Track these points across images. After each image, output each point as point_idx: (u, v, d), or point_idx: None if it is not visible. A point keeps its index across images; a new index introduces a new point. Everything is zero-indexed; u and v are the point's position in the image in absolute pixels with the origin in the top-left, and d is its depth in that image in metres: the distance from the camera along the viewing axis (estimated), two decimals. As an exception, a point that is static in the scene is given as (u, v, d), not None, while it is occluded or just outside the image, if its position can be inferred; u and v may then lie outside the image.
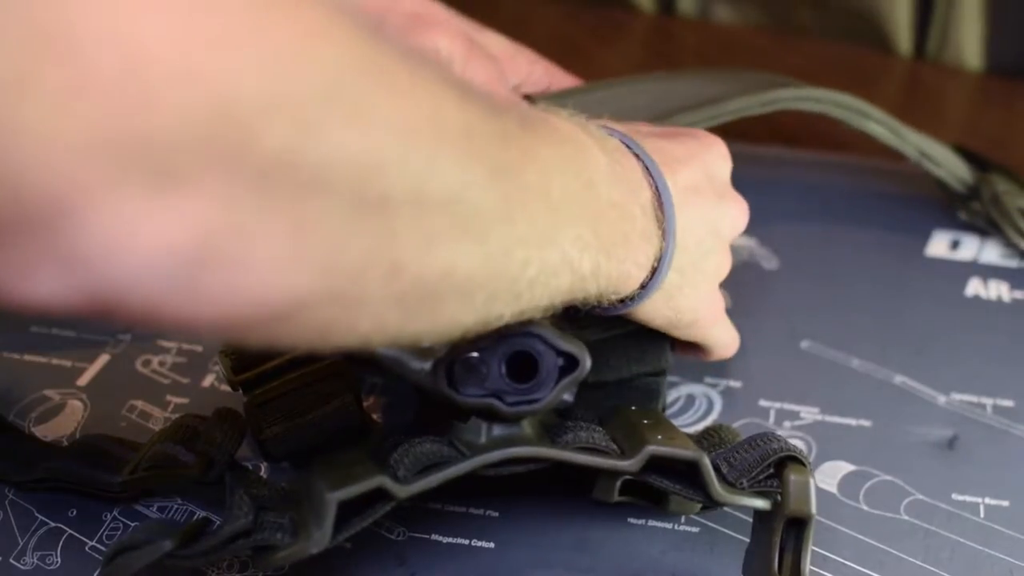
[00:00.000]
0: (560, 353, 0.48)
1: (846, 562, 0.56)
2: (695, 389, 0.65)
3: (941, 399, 0.65)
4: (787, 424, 0.63)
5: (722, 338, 0.60)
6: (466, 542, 0.56)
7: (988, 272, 0.75)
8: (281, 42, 0.33)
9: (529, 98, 0.66)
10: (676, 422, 0.60)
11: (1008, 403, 0.65)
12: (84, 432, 0.61)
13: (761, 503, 0.50)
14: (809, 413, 0.64)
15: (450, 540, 0.56)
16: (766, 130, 0.91)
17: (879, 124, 0.74)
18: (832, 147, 0.88)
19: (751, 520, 0.53)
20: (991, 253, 0.77)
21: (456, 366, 0.47)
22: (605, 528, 0.57)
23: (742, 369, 0.67)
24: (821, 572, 0.55)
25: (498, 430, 0.49)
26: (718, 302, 0.58)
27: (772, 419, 0.64)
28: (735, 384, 0.66)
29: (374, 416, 0.61)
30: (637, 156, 0.51)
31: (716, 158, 0.57)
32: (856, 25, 1.01)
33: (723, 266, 0.57)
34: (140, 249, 0.31)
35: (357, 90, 0.35)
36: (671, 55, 0.75)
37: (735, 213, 0.57)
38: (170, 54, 0.30)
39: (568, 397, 0.61)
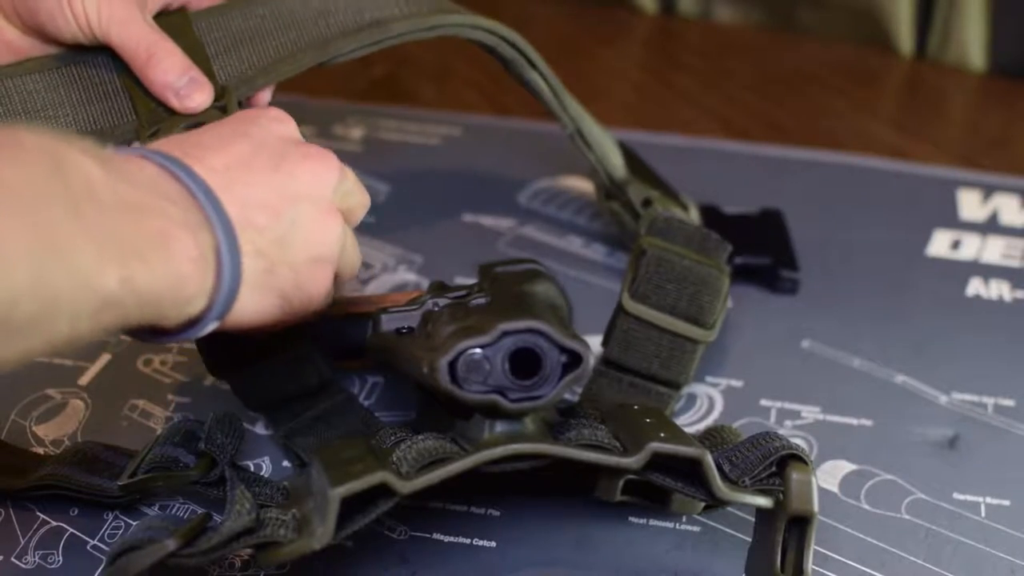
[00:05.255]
0: (564, 350, 0.47)
1: (847, 561, 0.56)
2: (696, 389, 0.65)
3: (942, 398, 0.65)
4: (788, 423, 0.63)
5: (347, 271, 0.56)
6: (467, 541, 0.56)
7: (989, 272, 0.75)
8: None
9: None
10: (677, 422, 0.59)
11: (1009, 402, 0.65)
12: (86, 431, 0.61)
13: (763, 501, 0.50)
14: (810, 412, 0.64)
15: (451, 539, 0.56)
16: (766, 130, 0.91)
17: (543, 80, 0.67)
18: (832, 147, 0.88)
19: (753, 519, 0.53)
20: (992, 253, 0.77)
21: (459, 362, 0.47)
22: (606, 527, 0.57)
23: (743, 369, 0.67)
24: (823, 571, 0.55)
25: (501, 427, 0.49)
26: (324, 274, 0.54)
27: (773, 418, 0.64)
28: (736, 383, 0.66)
29: (375, 413, 0.62)
30: (144, 157, 0.48)
31: (266, 124, 0.54)
32: (857, 25, 1.01)
33: (321, 230, 0.53)
34: None
35: None
36: (672, 55, 0.75)
37: (310, 167, 0.53)
38: None
39: (571, 396, 0.61)
